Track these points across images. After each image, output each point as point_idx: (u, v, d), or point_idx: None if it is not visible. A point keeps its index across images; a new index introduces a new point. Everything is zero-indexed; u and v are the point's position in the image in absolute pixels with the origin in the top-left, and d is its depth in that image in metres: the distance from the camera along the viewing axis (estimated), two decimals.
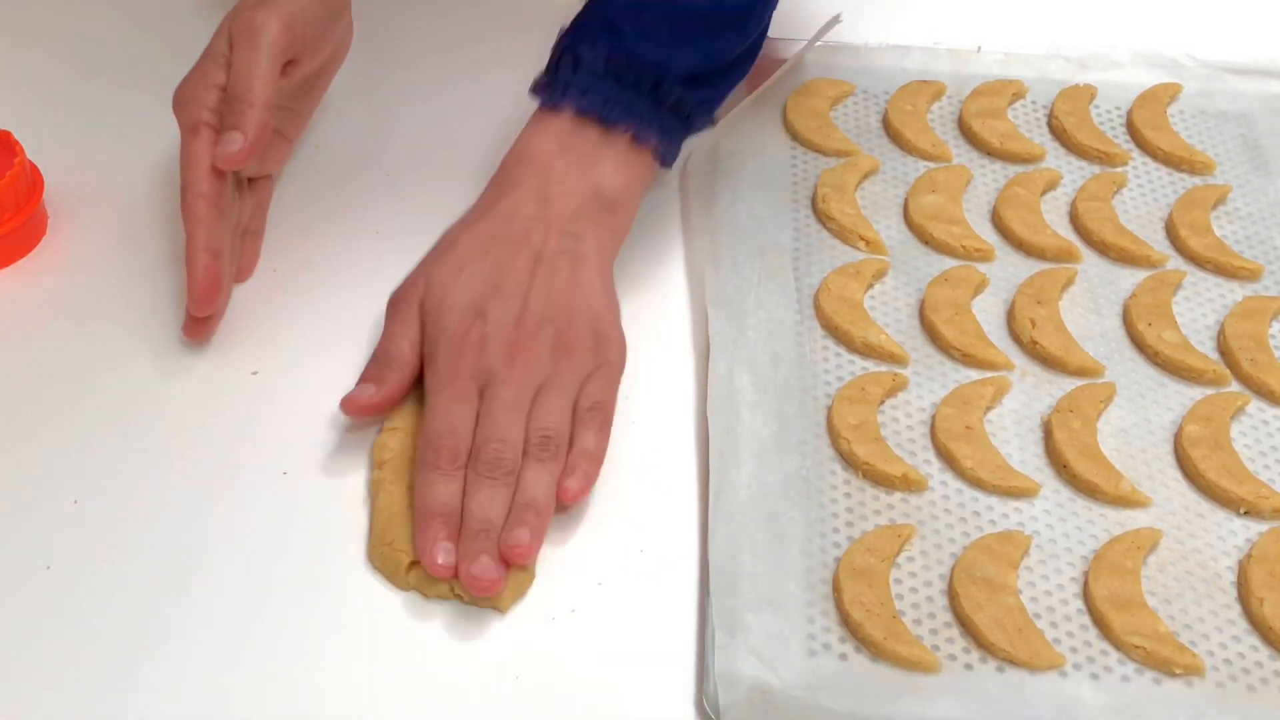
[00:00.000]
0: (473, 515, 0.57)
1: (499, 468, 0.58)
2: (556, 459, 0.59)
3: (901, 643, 0.55)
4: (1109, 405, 0.65)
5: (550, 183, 0.65)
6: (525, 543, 0.56)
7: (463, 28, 0.85)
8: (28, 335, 0.67)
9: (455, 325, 0.61)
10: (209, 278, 0.63)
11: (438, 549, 0.56)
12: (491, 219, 0.64)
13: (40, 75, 0.81)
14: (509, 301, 0.61)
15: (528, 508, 0.57)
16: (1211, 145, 0.80)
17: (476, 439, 0.59)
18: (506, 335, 0.61)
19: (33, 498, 0.60)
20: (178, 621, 0.56)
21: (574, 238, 0.64)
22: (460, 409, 0.59)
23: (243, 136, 0.61)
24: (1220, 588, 0.59)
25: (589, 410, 0.60)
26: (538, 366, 0.60)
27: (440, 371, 0.60)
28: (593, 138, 0.65)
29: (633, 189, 0.67)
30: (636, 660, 0.55)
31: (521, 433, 0.59)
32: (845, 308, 0.68)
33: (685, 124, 0.68)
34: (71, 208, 0.73)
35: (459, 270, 0.63)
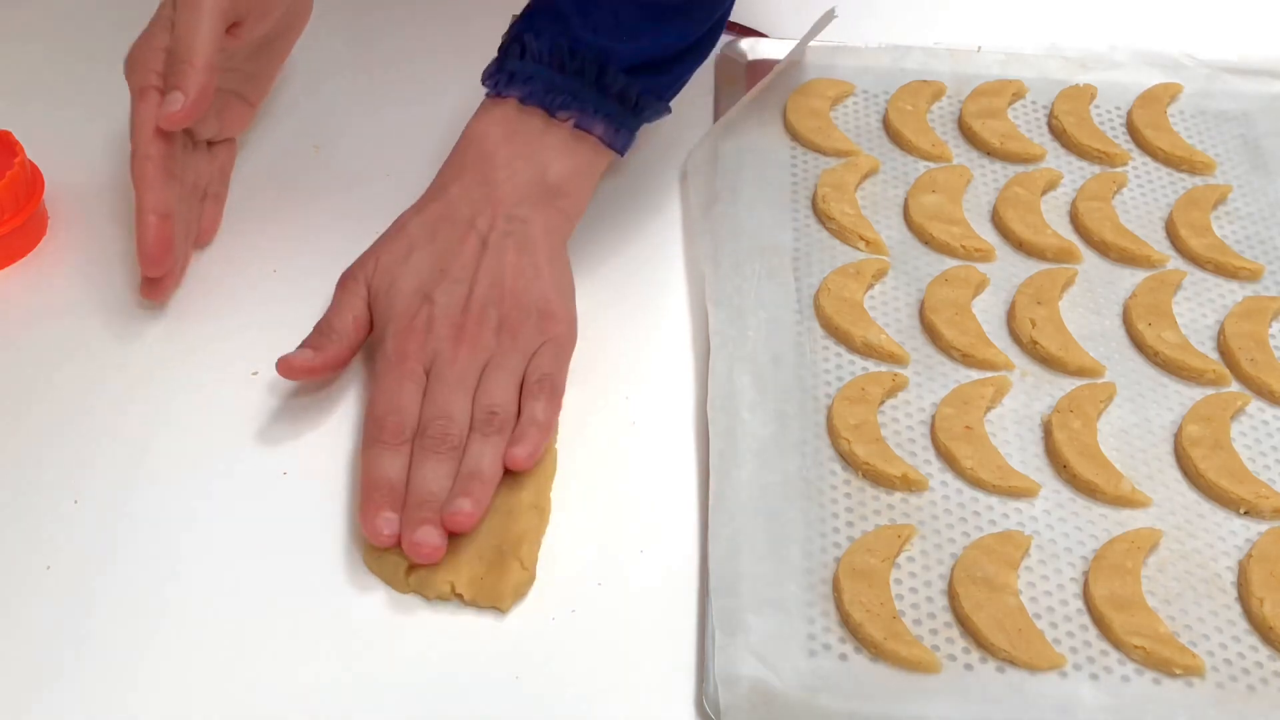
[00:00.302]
0: (416, 487, 0.58)
1: (444, 442, 0.59)
2: (501, 433, 0.60)
3: (901, 643, 0.55)
4: (1109, 405, 0.65)
5: (496, 169, 0.66)
6: (467, 511, 0.56)
7: (464, 27, 0.85)
8: (28, 335, 0.67)
9: (403, 309, 0.62)
10: (158, 239, 0.63)
11: (381, 519, 0.56)
12: (439, 204, 0.66)
13: (40, 75, 0.81)
14: (455, 285, 0.63)
15: (472, 478, 0.58)
16: (1211, 145, 0.80)
17: (422, 416, 0.60)
18: (452, 318, 0.62)
19: (33, 498, 0.60)
20: (178, 622, 0.56)
21: (520, 221, 0.65)
22: (407, 387, 0.60)
23: (184, 96, 0.62)
24: (1220, 588, 0.59)
25: (536, 383, 0.61)
26: (483, 346, 0.62)
27: (388, 353, 0.61)
28: (536, 125, 0.66)
29: (580, 175, 0.67)
30: (636, 660, 0.55)
31: (467, 410, 0.60)
32: (845, 308, 0.68)
33: (634, 112, 0.68)
34: (71, 208, 0.73)
35: (407, 254, 0.64)
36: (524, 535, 0.58)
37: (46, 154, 0.72)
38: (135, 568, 0.58)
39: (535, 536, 0.58)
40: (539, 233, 0.65)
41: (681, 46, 0.69)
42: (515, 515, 0.59)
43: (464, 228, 0.65)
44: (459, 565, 0.57)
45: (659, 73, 0.69)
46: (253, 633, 0.56)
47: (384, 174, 0.76)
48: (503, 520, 0.59)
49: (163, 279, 0.66)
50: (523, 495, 0.59)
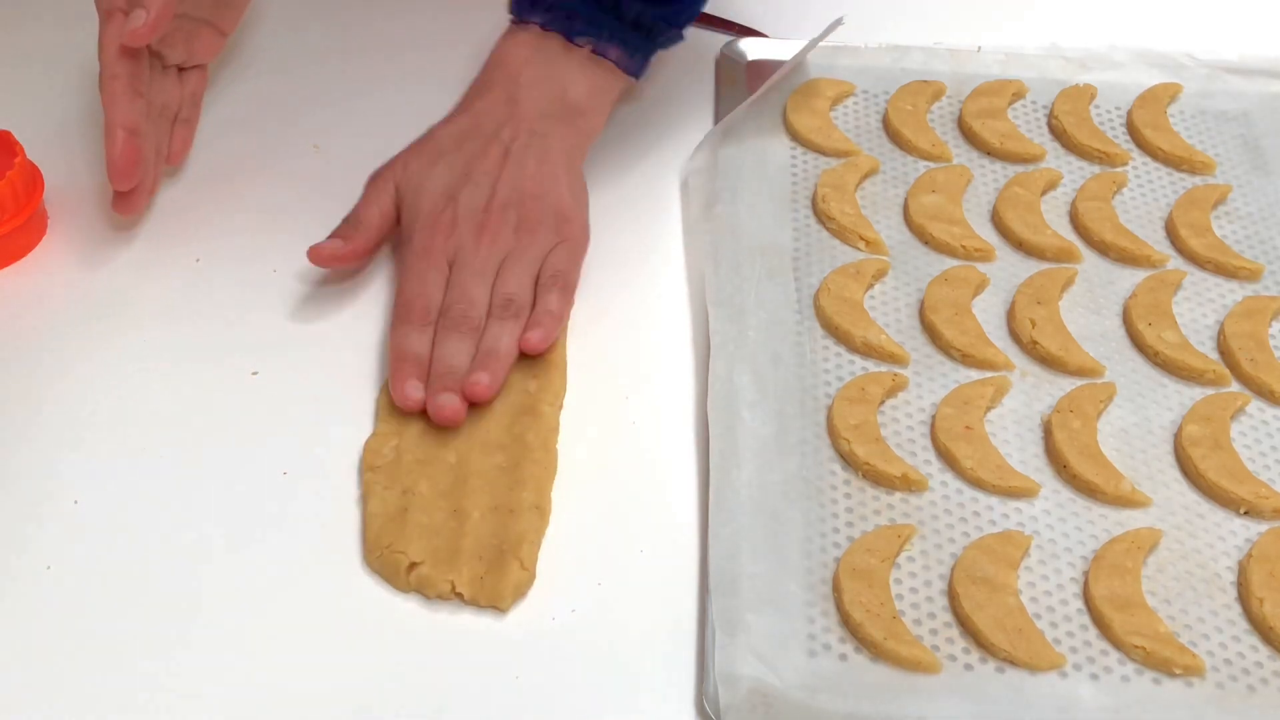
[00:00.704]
0: (439, 360, 0.63)
1: (465, 322, 0.63)
2: (517, 319, 0.64)
3: (901, 643, 0.55)
4: (1109, 405, 0.65)
5: (520, 88, 0.70)
6: (485, 383, 0.61)
7: (464, 26, 0.85)
8: (28, 335, 0.67)
9: (430, 207, 0.67)
10: (126, 152, 0.66)
11: (409, 385, 0.61)
12: (467, 117, 0.70)
13: (40, 75, 0.81)
14: (478, 188, 0.67)
15: (489, 355, 0.63)
16: (1211, 145, 0.80)
17: (445, 300, 0.65)
18: (475, 216, 0.67)
19: (33, 498, 0.60)
20: (178, 622, 0.56)
21: (541, 135, 0.70)
22: (432, 275, 0.65)
23: (145, 12, 0.65)
24: (1220, 588, 0.59)
25: (551, 277, 0.66)
26: (502, 241, 0.66)
27: (415, 246, 0.66)
28: (556, 49, 0.71)
29: (597, 96, 0.72)
30: (636, 660, 0.55)
31: (486, 297, 0.65)
32: (845, 308, 0.68)
33: (649, 38, 0.72)
34: (71, 208, 0.73)
35: (435, 160, 0.69)
36: (524, 535, 0.58)
37: (46, 154, 0.72)
38: (135, 568, 0.58)
39: (535, 536, 0.58)
40: (558, 146, 0.70)
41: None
42: (516, 515, 0.59)
43: (488, 138, 0.69)
44: (459, 565, 0.57)
45: (673, 1, 0.72)
46: (253, 632, 0.56)
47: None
48: (503, 520, 0.59)
49: (132, 194, 0.69)
50: (523, 495, 0.59)
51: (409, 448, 0.61)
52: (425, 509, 0.59)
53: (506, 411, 0.63)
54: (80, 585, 0.57)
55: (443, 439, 0.62)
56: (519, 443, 0.62)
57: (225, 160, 0.77)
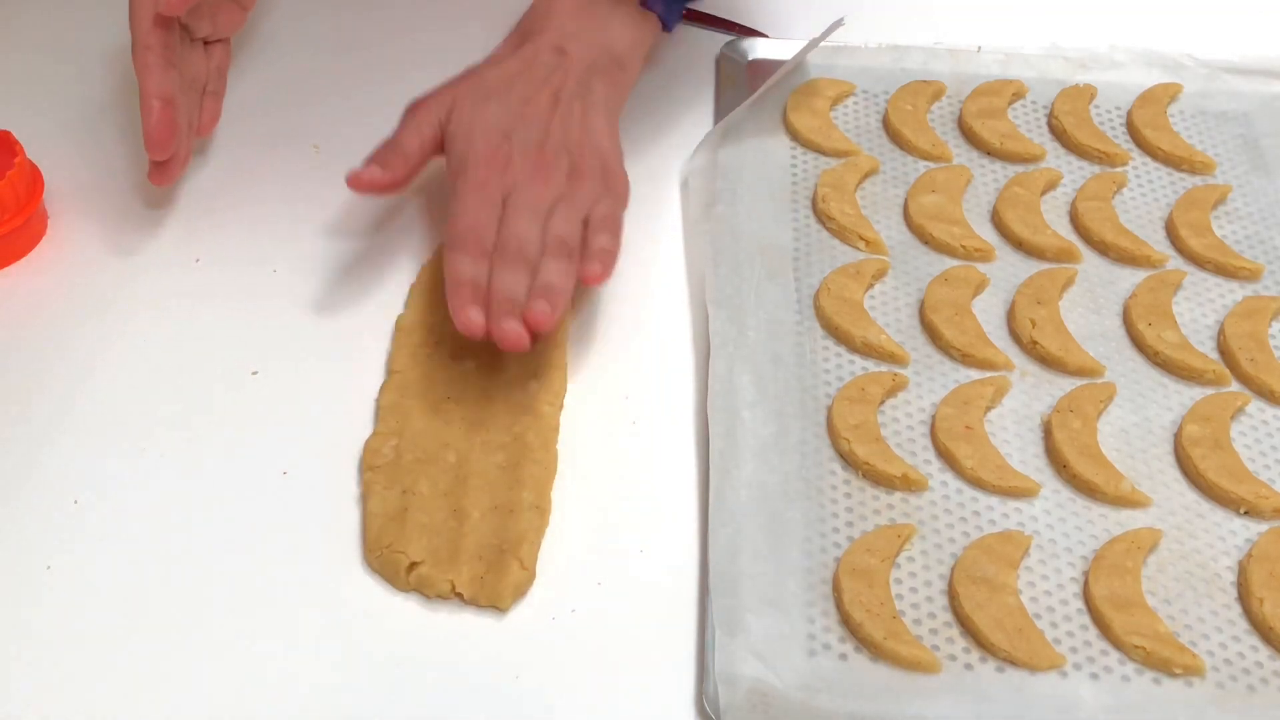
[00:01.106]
0: (498, 289, 0.61)
1: (521, 255, 0.63)
2: (571, 259, 0.63)
3: (901, 643, 0.55)
4: (1109, 405, 0.65)
5: (567, 38, 0.71)
6: (547, 311, 0.60)
7: (465, 26, 0.85)
8: (28, 335, 0.67)
9: (484, 143, 0.66)
10: (162, 121, 0.66)
11: (471, 310, 0.60)
12: (515, 60, 0.70)
13: (40, 75, 0.81)
14: (531, 128, 0.67)
15: (547, 286, 0.62)
16: (1211, 145, 0.80)
17: (499, 235, 0.63)
18: (530, 156, 0.66)
19: (33, 498, 0.60)
20: (178, 621, 0.56)
21: (586, 86, 0.70)
22: (487, 209, 0.64)
23: None
24: (1220, 588, 0.59)
25: (600, 220, 0.65)
26: (555, 183, 0.66)
27: (469, 179, 0.65)
28: (605, 1, 0.72)
29: (638, 49, 0.73)
30: (636, 660, 0.55)
31: (539, 236, 0.64)
32: (845, 308, 0.68)
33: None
34: (71, 208, 0.73)
35: (487, 99, 0.68)
36: (524, 535, 0.58)
37: (46, 154, 0.72)
38: (135, 568, 0.58)
39: (535, 536, 0.58)
40: (601, 99, 0.70)
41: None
42: (516, 515, 0.59)
43: (539, 83, 0.69)
44: (459, 564, 0.57)
45: None
46: (253, 632, 0.56)
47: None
48: (503, 520, 0.59)
49: (168, 163, 0.69)
50: (523, 495, 0.59)
51: (409, 448, 0.61)
52: (425, 509, 0.59)
53: (506, 411, 0.63)
54: (80, 585, 0.57)
55: (443, 439, 0.62)
56: (519, 442, 0.62)
57: (225, 160, 0.77)
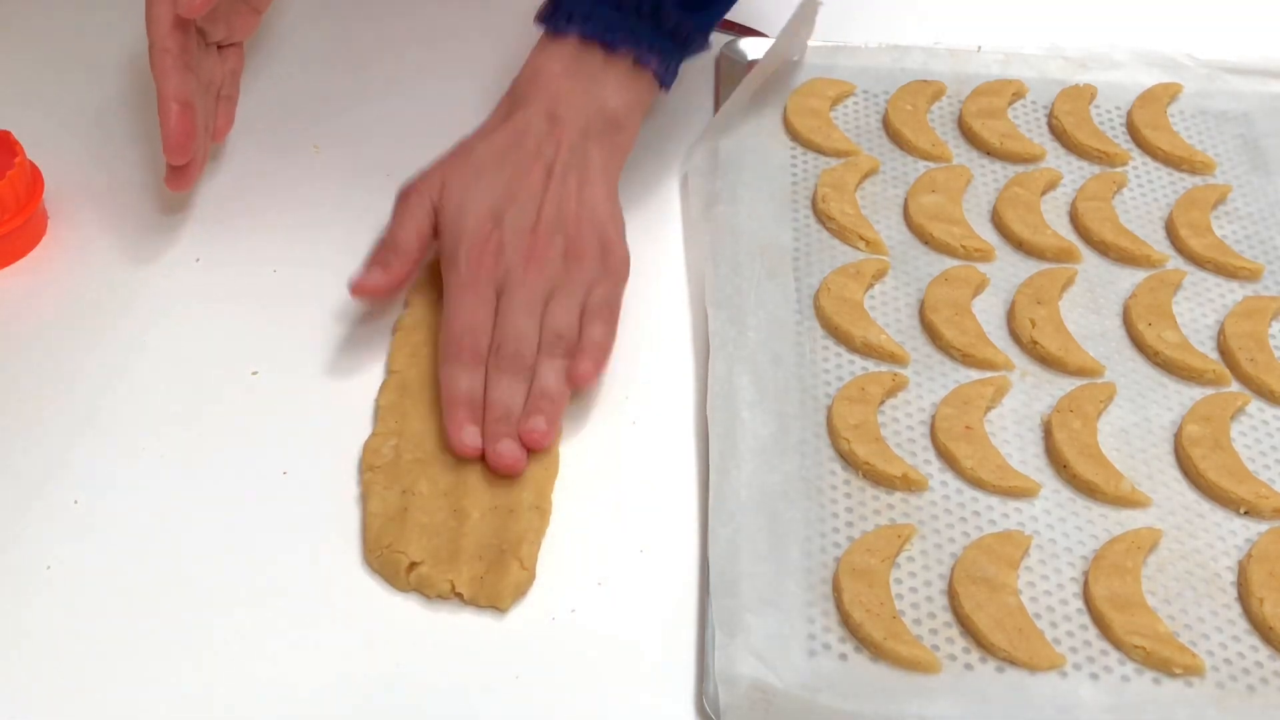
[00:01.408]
0: (494, 403, 0.61)
1: (517, 361, 0.62)
2: (568, 356, 0.63)
3: (901, 643, 0.55)
4: (1109, 405, 0.65)
5: (559, 102, 0.68)
6: (543, 429, 0.60)
7: (466, 26, 0.85)
8: (28, 335, 0.67)
9: (475, 229, 0.65)
10: (181, 125, 0.66)
11: (465, 432, 0.60)
12: (505, 131, 0.68)
13: (40, 75, 0.81)
14: (524, 208, 0.65)
15: (543, 396, 0.61)
16: (1211, 145, 0.80)
17: (495, 337, 0.63)
18: (523, 241, 0.65)
19: (33, 498, 0.60)
20: (178, 621, 0.56)
21: (581, 154, 0.68)
22: (481, 309, 0.63)
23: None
24: (1220, 588, 0.59)
25: (596, 308, 0.65)
26: (550, 271, 0.65)
27: (461, 274, 0.64)
28: (597, 60, 0.69)
29: (634, 109, 0.70)
30: (636, 660, 0.55)
31: (536, 332, 0.63)
32: (845, 308, 0.68)
33: (682, 47, 0.71)
34: (71, 208, 0.73)
35: (477, 177, 0.66)
36: (523, 535, 0.58)
37: (46, 154, 0.72)
38: (135, 568, 0.58)
39: (535, 537, 0.58)
40: (598, 167, 0.68)
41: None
42: (516, 515, 0.59)
43: (531, 156, 0.67)
44: (459, 564, 0.57)
45: (707, 9, 0.71)
46: (253, 632, 0.56)
47: (384, 174, 0.76)
48: (503, 520, 0.59)
49: (185, 169, 0.68)
50: (523, 495, 0.59)
51: (409, 447, 0.61)
52: (425, 509, 0.59)
53: None
54: (80, 585, 0.57)
55: (443, 439, 0.62)
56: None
57: (226, 161, 0.77)
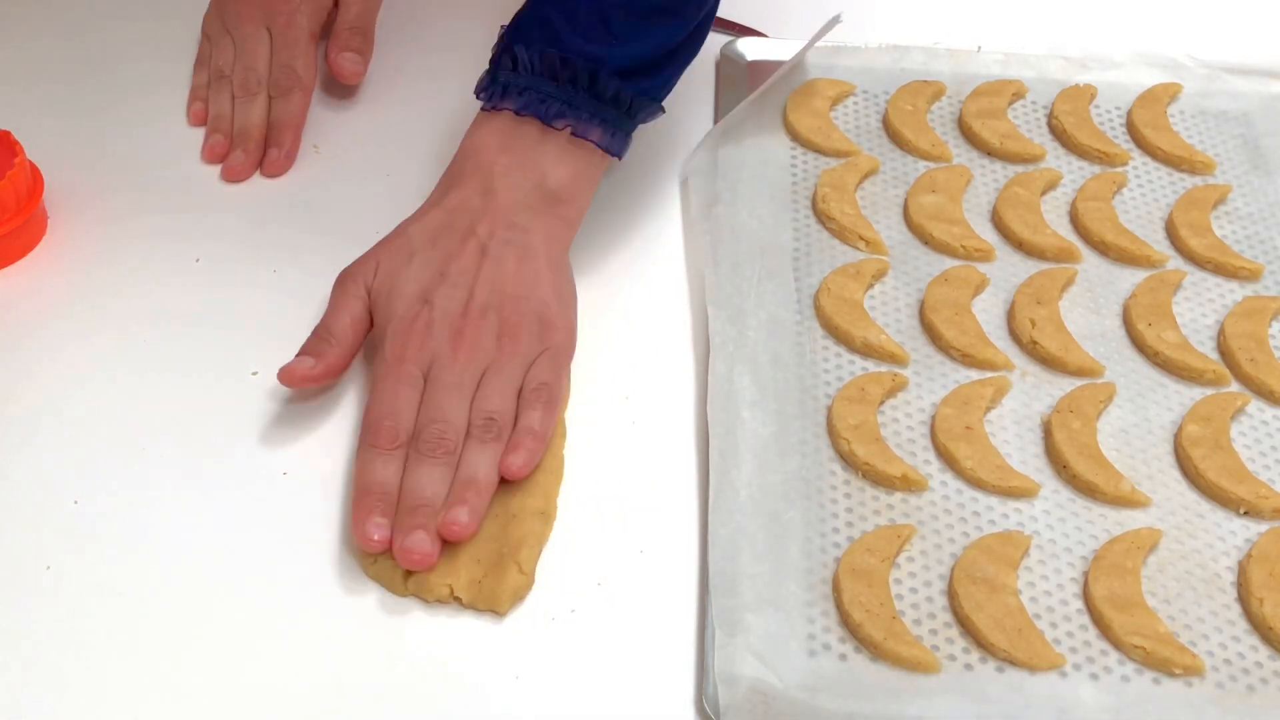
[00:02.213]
0: (410, 491, 0.57)
1: (440, 446, 0.58)
2: (499, 440, 0.59)
3: (901, 643, 0.55)
4: (1109, 405, 0.65)
5: (495, 178, 0.66)
6: (463, 521, 0.56)
7: (463, 26, 0.85)
8: (28, 335, 0.67)
9: (403, 311, 0.63)
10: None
11: (371, 524, 0.56)
12: (440, 211, 0.66)
13: (40, 75, 0.81)
14: (455, 289, 0.63)
15: (468, 485, 0.58)
16: (1211, 145, 0.80)
17: (419, 420, 0.60)
18: (452, 322, 0.62)
19: (33, 498, 0.60)
20: (178, 622, 0.56)
21: (520, 229, 0.65)
22: (404, 391, 0.60)
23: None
24: (1220, 588, 0.59)
25: (534, 391, 0.61)
26: (482, 351, 0.62)
27: (386, 356, 0.61)
28: (533, 134, 0.66)
29: (579, 181, 0.68)
30: (636, 660, 0.55)
31: (464, 415, 0.60)
32: (845, 308, 0.68)
33: (628, 115, 0.68)
34: (71, 208, 0.73)
35: (409, 259, 0.64)
36: (523, 540, 0.58)
37: (46, 154, 0.72)
38: (135, 568, 0.58)
39: (536, 542, 0.58)
40: (539, 240, 0.65)
41: (671, 46, 0.69)
42: (519, 519, 0.58)
43: (464, 234, 0.65)
44: (457, 568, 0.57)
45: (651, 74, 0.69)
46: (253, 632, 0.56)
47: (384, 174, 0.76)
48: (503, 524, 0.59)
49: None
50: (528, 501, 0.59)
51: None
52: None
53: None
54: (80, 585, 0.57)
55: None
56: None
57: None
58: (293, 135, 0.76)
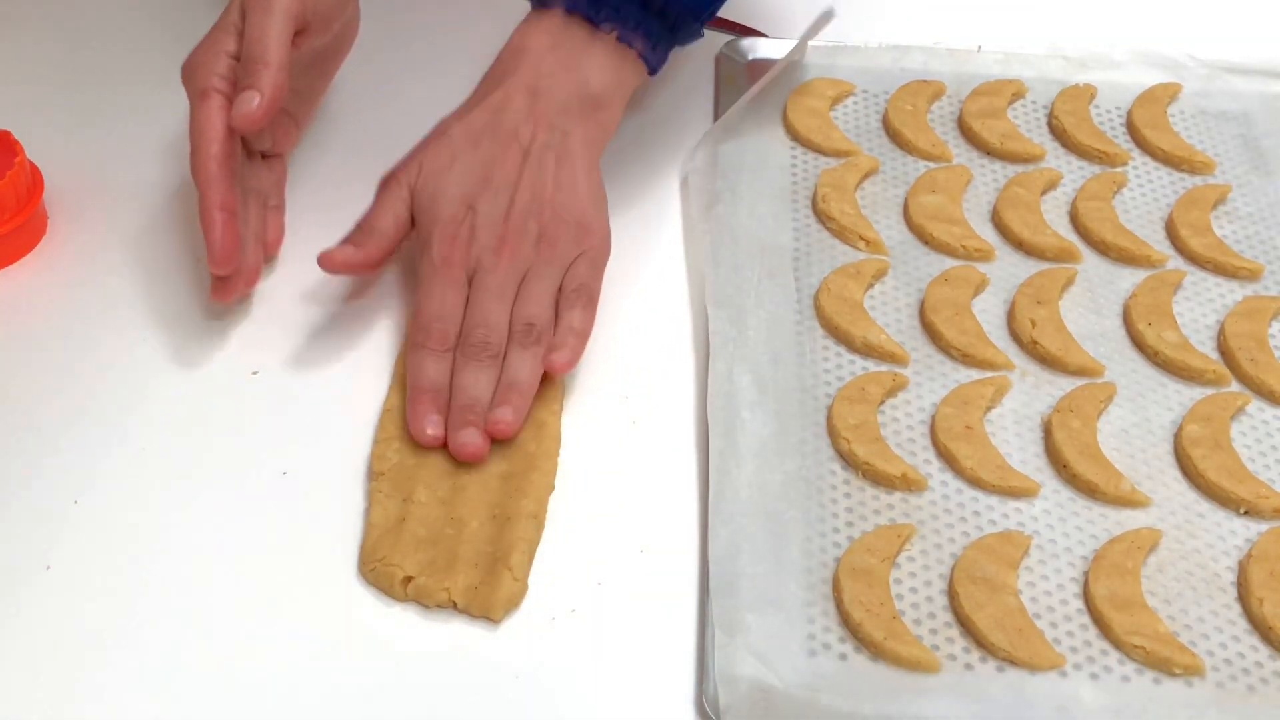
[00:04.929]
0: (460, 391, 0.61)
1: (485, 350, 0.62)
2: (539, 344, 0.63)
3: (901, 643, 0.55)
4: (1109, 405, 0.65)
5: (540, 77, 0.68)
6: (509, 420, 0.60)
7: (466, 25, 0.85)
8: (28, 335, 0.67)
9: (447, 217, 0.65)
10: (226, 233, 0.63)
11: (426, 421, 0.60)
12: (483, 110, 0.68)
13: (40, 75, 0.82)
14: (498, 195, 0.65)
15: (511, 388, 0.61)
16: (1211, 145, 0.80)
17: (465, 324, 0.63)
18: (495, 228, 0.65)
19: (33, 498, 0.60)
20: (177, 622, 0.56)
21: (561, 133, 0.67)
22: (450, 295, 0.63)
23: (259, 95, 0.62)
24: (1220, 588, 0.59)
25: (574, 291, 0.64)
26: (523, 257, 0.64)
27: (433, 259, 0.64)
28: (581, 36, 0.68)
29: (618, 89, 0.70)
30: (636, 660, 0.55)
31: (506, 319, 0.63)
32: (845, 308, 0.68)
33: (671, 31, 0.70)
34: (71, 208, 0.73)
35: (451, 162, 0.66)
36: (514, 544, 0.57)
37: (46, 154, 0.72)
38: (135, 568, 0.58)
39: (526, 546, 0.58)
40: (578, 145, 0.67)
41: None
42: (512, 523, 0.58)
43: (507, 138, 0.66)
44: (455, 573, 0.57)
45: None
46: (253, 631, 0.56)
47: (384, 173, 0.76)
48: (499, 528, 0.58)
49: (231, 279, 0.65)
50: (522, 504, 0.59)
51: (411, 452, 0.61)
52: (423, 519, 0.59)
53: None
54: (80, 585, 0.57)
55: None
56: (520, 450, 0.61)
57: None
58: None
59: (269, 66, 0.62)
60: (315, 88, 0.73)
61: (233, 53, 0.64)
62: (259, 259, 0.68)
